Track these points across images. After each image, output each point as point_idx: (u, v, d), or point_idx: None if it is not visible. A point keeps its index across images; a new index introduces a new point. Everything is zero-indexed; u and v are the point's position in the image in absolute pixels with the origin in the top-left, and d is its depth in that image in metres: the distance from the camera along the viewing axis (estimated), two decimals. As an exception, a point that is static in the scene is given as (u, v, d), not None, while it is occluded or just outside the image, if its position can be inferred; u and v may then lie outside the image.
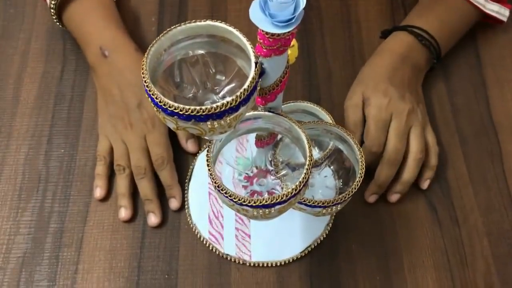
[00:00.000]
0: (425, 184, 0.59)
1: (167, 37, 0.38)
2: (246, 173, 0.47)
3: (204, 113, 0.35)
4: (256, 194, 0.47)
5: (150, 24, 0.70)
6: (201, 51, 0.41)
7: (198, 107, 0.35)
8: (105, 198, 0.59)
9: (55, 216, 0.58)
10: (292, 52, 0.39)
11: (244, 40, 0.38)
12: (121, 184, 0.58)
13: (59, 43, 0.69)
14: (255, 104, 0.43)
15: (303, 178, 0.39)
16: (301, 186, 0.39)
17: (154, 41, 0.38)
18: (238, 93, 0.36)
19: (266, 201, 0.38)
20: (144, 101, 0.59)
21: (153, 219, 0.57)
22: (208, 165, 0.40)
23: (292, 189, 0.39)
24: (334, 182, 0.53)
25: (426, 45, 0.62)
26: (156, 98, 0.36)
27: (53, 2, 0.63)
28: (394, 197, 0.58)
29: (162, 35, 0.38)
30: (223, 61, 0.42)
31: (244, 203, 0.39)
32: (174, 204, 0.57)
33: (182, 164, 0.60)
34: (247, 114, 0.43)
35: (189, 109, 0.35)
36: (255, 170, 0.47)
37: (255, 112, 0.43)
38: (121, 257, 0.56)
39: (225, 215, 0.57)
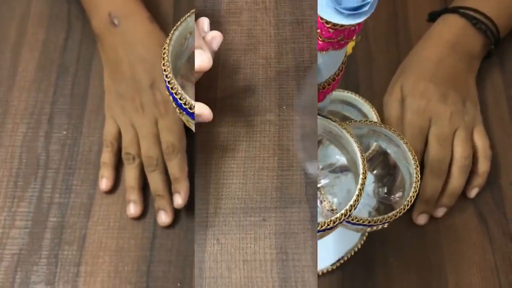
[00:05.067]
0: (472, 193, 0.52)
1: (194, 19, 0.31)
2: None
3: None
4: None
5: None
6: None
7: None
8: (111, 190, 0.52)
9: (55, 209, 0.51)
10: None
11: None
12: (130, 175, 0.51)
13: (63, 7, 0.61)
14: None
15: (354, 201, 0.32)
16: (351, 211, 0.32)
17: (179, 22, 0.30)
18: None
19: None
20: (158, 81, 0.52)
21: (164, 217, 0.50)
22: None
23: (342, 214, 0.32)
24: (376, 189, 0.45)
25: (482, 29, 0.54)
26: (180, 98, 0.28)
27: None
28: (439, 212, 0.51)
29: (188, 15, 0.30)
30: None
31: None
32: (177, 200, 0.50)
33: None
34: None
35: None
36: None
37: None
38: (129, 259, 0.49)
39: (246, 216, 0.50)
